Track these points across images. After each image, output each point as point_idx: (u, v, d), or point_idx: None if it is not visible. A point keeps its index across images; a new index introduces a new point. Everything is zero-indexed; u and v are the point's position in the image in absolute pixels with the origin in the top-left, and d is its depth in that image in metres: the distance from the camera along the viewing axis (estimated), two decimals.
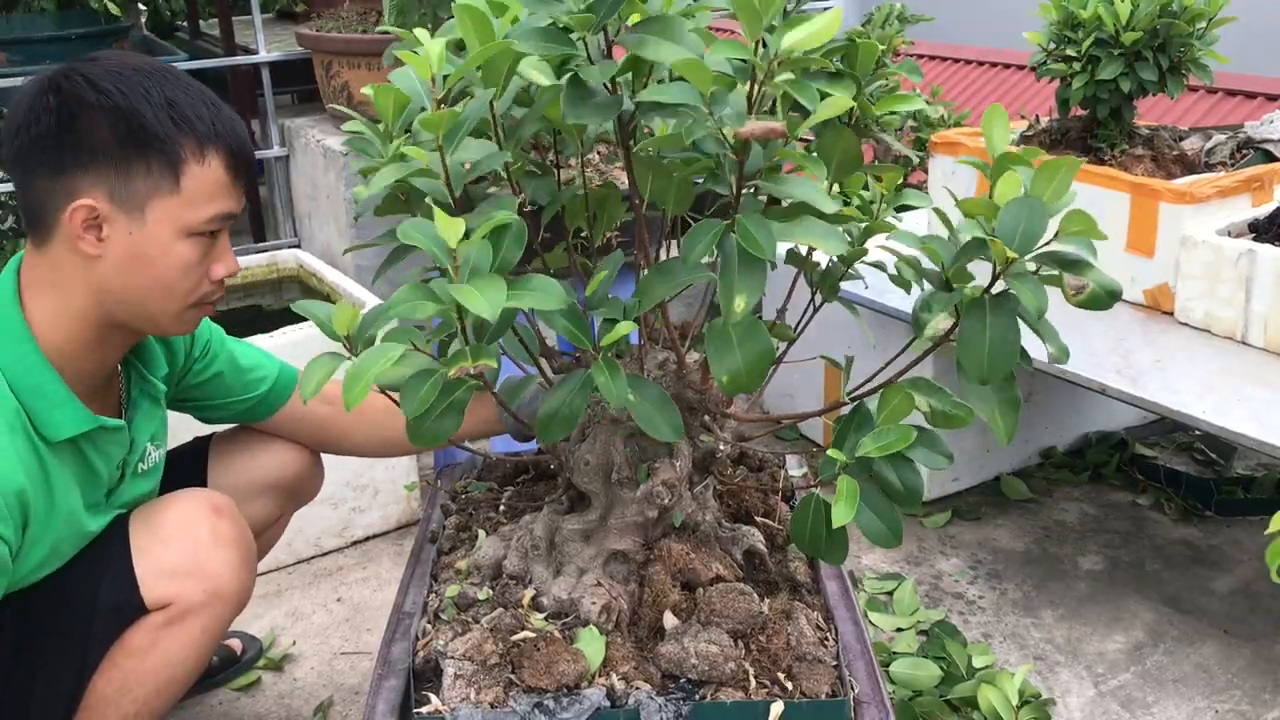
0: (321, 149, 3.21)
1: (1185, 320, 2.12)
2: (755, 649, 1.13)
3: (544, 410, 1.03)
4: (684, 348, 1.18)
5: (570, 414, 1.03)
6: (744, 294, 0.91)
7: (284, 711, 1.94)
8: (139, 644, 1.35)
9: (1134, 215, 2.16)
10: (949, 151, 2.51)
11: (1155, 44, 2.19)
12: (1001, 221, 0.90)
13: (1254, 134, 2.33)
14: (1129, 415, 2.70)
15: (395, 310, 0.92)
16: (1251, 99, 3.34)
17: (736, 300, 0.91)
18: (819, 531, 1.06)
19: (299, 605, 2.22)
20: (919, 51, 4.38)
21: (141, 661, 1.34)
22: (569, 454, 1.22)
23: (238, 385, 1.58)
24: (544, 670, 1.07)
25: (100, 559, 1.36)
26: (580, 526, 1.20)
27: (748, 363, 0.95)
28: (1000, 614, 2.12)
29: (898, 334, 2.27)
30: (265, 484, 1.67)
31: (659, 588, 1.17)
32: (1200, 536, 2.34)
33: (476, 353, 0.94)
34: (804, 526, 1.07)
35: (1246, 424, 1.76)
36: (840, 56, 1.05)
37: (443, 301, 0.91)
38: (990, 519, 2.44)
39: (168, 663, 1.35)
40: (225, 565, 1.37)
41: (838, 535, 1.05)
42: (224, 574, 1.37)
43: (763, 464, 1.49)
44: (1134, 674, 1.94)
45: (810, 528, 1.06)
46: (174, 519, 1.38)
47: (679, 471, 1.18)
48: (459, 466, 1.60)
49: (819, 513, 1.06)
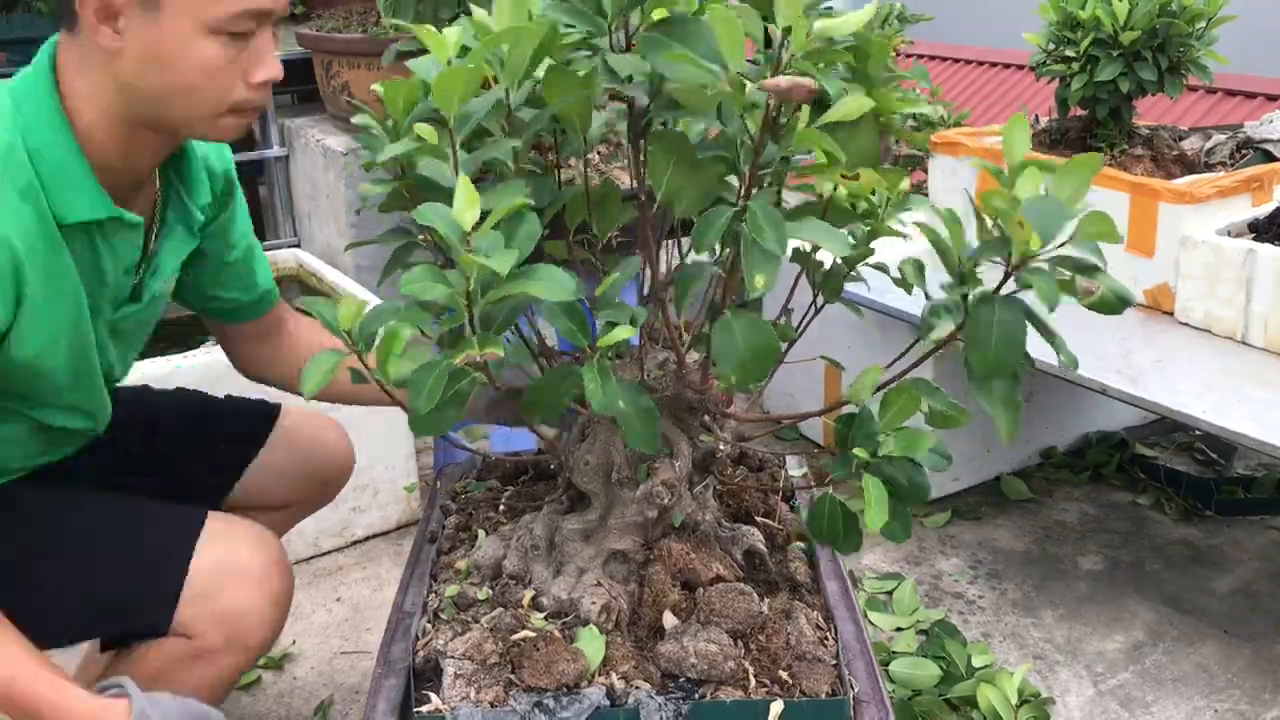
0: (321, 149, 3.21)
1: (1185, 320, 2.12)
2: (755, 648, 1.13)
3: (530, 392, 1.05)
4: (684, 348, 1.18)
5: (554, 401, 1.04)
6: (763, 273, 0.92)
7: (284, 711, 1.94)
8: (153, 668, 1.32)
9: (1134, 215, 2.16)
10: (949, 151, 2.51)
11: (1154, 44, 2.19)
12: (1025, 214, 0.90)
13: (1254, 134, 2.33)
14: (1129, 415, 2.70)
15: (406, 288, 0.92)
16: (1251, 99, 3.34)
17: (758, 278, 0.92)
18: (837, 529, 1.09)
19: (299, 605, 2.22)
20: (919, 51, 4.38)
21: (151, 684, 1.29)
22: (569, 454, 1.22)
23: (236, 276, 1.52)
24: (544, 670, 1.07)
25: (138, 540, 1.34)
26: (580, 526, 1.21)
27: (753, 355, 0.96)
28: (1000, 614, 2.12)
29: (899, 335, 2.27)
30: (314, 470, 1.67)
31: (659, 587, 1.17)
32: (1200, 536, 2.34)
33: (484, 340, 0.94)
34: (821, 524, 1.10)
35: (1246, 424, 1.76)
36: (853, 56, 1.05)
37: (452, 284, 0.91)
38: (990, 519, 2.45)
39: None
40: (267, 629, 1.36)
41: (854, 531, 1.09)
42: (263, 637, 1.36)
43: (763, 464, 1.49)
44: (1133, 673, 1.94)
45: (828, 525, 1.09)
46: (242, 557, 1.35)
47: (679, 471, 1.18)
48: (459, 466, 1.60)
49: (836, 513, 1.09)
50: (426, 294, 0.91)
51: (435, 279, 0.92)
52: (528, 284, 0.92)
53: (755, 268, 0.91)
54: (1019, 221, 0.88)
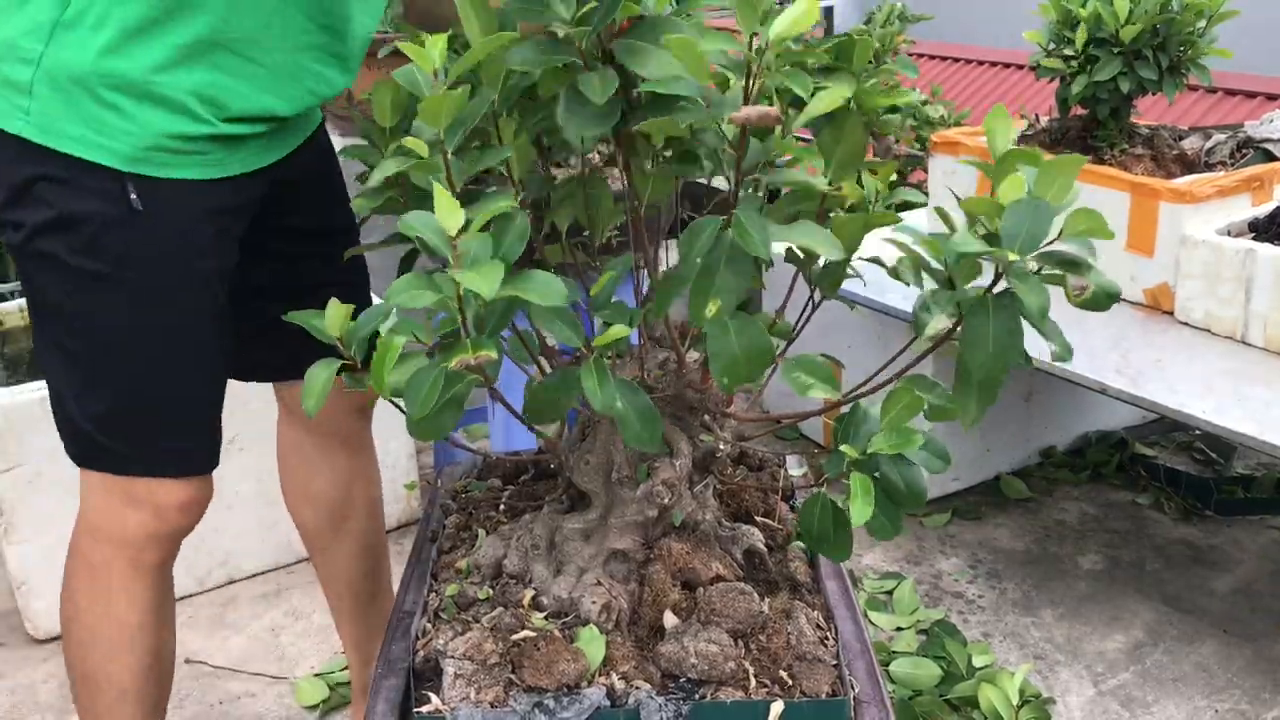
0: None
1: (1185, 320, 2.12)
2: (755, 648, 1.13)
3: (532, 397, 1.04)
4: (684, 348, 1.18)
5: (561, 403, 1.04)
6: (719, 298, 0.92)
7: (284, 711, 1.94)
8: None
9: (1134, 215, 2.16)
10: (949, 151, 2.51)
11: (1155, 43, 2.19)
12: (1006, 221, 0.90)
13: (1254, 133, 2.32)
14: (1129, 415, 2.70)
15: (394, 298, 0.92)
16: (1251, 99, 3.34)
17: (711, 305, 0.92)
18: (826, 528, 1.07)
19: (299, 605, 2.22)
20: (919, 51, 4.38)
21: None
22: (569, 453, 1.22)
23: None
24: (544, 670, 1.07)
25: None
26: (580, 526, 1.21)
27: (747, 357, 0.96)
28: (1000, 613, 2.12)
29: (897, 332, 2.27)
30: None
31: (659, 587, 1.17)
32: (1200, 536, 2.34)
33: (477, 345, 0.93)
34: (811, 523, 1.07)
35: (1246, 424, 1.76)
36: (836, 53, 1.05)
37: (442, 290, 0.91)
38: (990, 518, 2.45)
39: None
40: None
41: (843, 532, 1.07)
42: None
43: (763, 464, 1.48)
44: (1134, 673, 1.94)
45: (818, 524, 1.07)
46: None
47: (679, 471, 1.18)
48: (459, 466, 1.60)
49: (826, 510, 1.07)
50: (415, 303, 0.91)
51: (423, 287, 0.92)
52: (519, 289, 0.92)
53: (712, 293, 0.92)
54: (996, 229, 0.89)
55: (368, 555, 1.69)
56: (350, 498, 1.64)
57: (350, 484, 1.64)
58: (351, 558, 1.67)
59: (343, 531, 1.65)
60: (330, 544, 1.66)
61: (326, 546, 1.66)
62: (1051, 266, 0.92)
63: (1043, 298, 0.89)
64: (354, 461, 1.65)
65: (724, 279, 0.92)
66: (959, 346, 0.95)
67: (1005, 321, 0.93)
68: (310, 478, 1.63)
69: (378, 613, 1.71)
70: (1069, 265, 0.91)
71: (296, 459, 1.63)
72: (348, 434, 1.63)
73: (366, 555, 1.69)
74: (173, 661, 1.48)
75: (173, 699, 1.98)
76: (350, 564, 1.68)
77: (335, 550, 1.66)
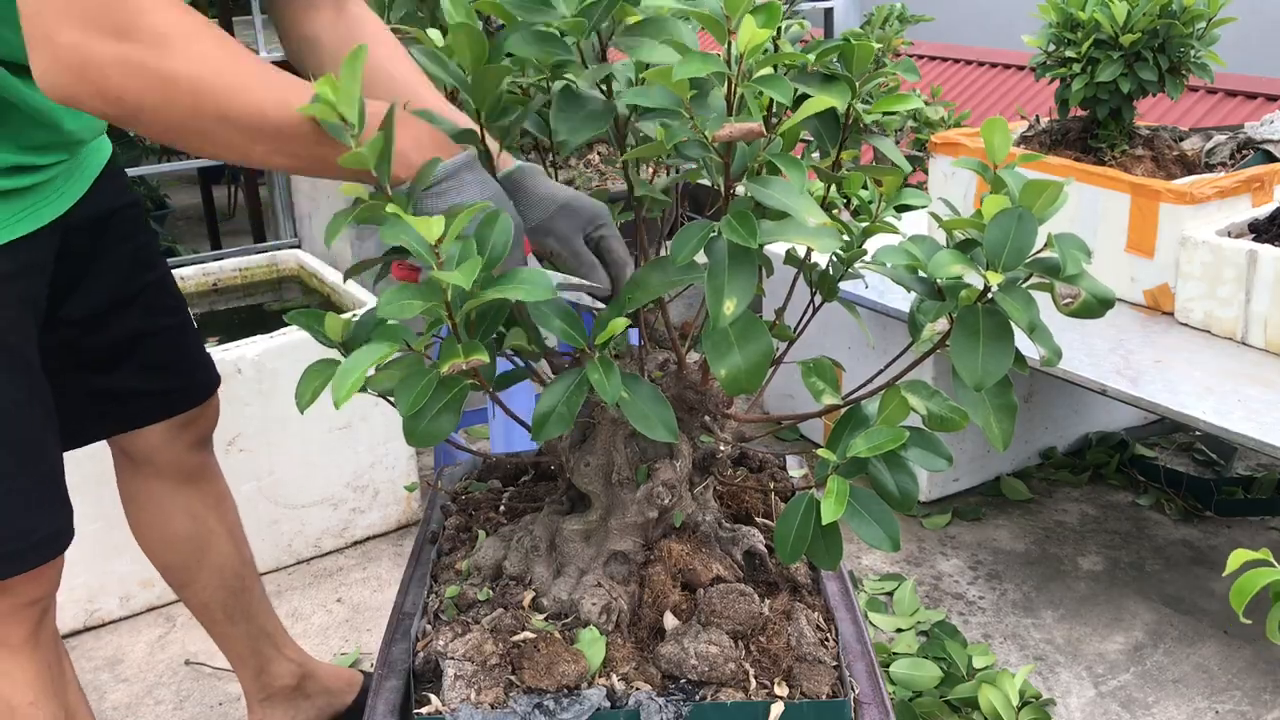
0: None
1: (1185, 320, 2.12)
2: (755, 649, 1.13)
3: (540, 408, 1.03)
4: (684, 348, 1.18)
5: (567, 412, 1.02)
6: (734, 297, 0.91)
7: None
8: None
9: (1134, 215, 2.16)
10: (949, 152, 2.51)
11: (1155, 45, 2.19)
12: (989, 235, 0.89)
13: (1254, 134, 2.33)
14: (1129, 415, 2.70)
15: (384, 310, 0.92)
16: (1251, 99, 3.35)
17: (726, 303, 0.91)
18: (805, 533, 1.03)
19: (299, 606, 2.22)
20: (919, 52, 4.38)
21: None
22: (569, 455, 1.22)
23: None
24: (544, 671, 1.07)
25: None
26: (580, 527, 1.21)
27: (748, 362, 0.95)
28: (1000, 614, 2.12)
29: (898, 334, 2.27)
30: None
31: (659, 588, 1.17)
32: (1200, 537, 2.34)
33: (469, 349, 0.93)
34: (790, 528, 1.03)
35: (1246, 424, 1.76)
36: (836, 58, 1.05)
37: (430, 298, 0.91)
38: (990, 519, 2.45)
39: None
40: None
41: (831, 536, 1.04)
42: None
43: (763, 464, 1.48)
44: (1134, 674, 1.94)
45: (798, 528, 1.03)
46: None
47: (679, 472, 1.18)
48: (459, 467, 1.60)
49: (809, 513, 1.03)
50: (405, 313, 0.91)
51: (410, 296, 0.92)
52: (506, 288, 0.92)
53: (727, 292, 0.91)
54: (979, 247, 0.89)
55: (235, 577, 1.67)
56: (208, 529, 1.63)
57: (205, 517, 1.63)
58: (219, 585, 1.65)
59: (205, 563, 1.63)
60: (196, 577, 1.64)
61: (193, 580, 1.64)
62: (1040, 274, 0.91)
63: (1030, 311, 0.89)
64: (204, 492, 1.63)
65: (734, 276, 0.91)
66: (949, 356, 0.94)
67: (996, 328, 0.92)
68: (165, 522, 1.61)
69: (256, 624, 1.71)
70: (1057, 274, 0.91)
71: (148, 506, 1.60)
72: (192, 469, 1.60)
73: (234, 577, 1.67)
74: (91, 713, 1.47)
75: (173, 699, 1.98)
76: (219, 589, 1.66)
77: (203, 581, 1.65)
